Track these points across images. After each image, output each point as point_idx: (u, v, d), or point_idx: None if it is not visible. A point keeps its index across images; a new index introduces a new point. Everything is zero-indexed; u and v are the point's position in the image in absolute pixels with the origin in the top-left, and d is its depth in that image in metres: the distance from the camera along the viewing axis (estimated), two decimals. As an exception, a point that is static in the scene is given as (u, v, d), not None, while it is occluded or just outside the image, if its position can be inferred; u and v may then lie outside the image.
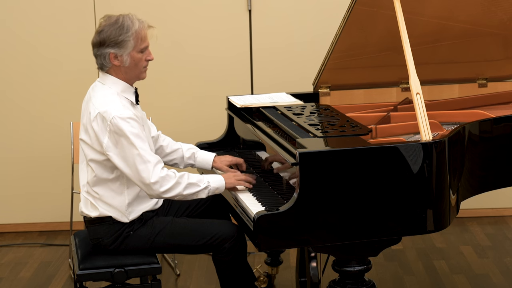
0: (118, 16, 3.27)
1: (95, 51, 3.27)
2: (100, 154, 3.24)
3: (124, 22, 3.24)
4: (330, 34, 3.90)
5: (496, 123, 3.41)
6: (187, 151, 3.64)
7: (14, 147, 5.10)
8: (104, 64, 3.27)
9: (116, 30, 3.22)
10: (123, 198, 3.30)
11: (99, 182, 3.29)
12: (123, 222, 3.31)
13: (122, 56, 3.24)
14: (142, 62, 3.28)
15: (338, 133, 3.25)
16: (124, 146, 3.17)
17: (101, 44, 3.24)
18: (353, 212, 2.97)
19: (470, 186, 3.32)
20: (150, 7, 4.94)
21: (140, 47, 3.25)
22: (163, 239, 3.34)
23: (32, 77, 5.03)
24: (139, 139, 3.18)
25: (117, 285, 3.34)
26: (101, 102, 3.23)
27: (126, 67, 3.26)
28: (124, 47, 3.22)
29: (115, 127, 3.16)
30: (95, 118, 3.21)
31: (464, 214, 5.12)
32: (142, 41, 3.26)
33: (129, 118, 3.18)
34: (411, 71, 3.22)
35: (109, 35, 3.22)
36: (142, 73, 3.32)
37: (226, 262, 3.36)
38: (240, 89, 4.98)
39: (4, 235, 5.18)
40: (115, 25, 3.23)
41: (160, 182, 3.18)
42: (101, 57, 3.26)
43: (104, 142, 3.19)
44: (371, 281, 3.18)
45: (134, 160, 3.17)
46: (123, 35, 3.21)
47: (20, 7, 4.95)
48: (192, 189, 3.25)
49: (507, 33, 3.89)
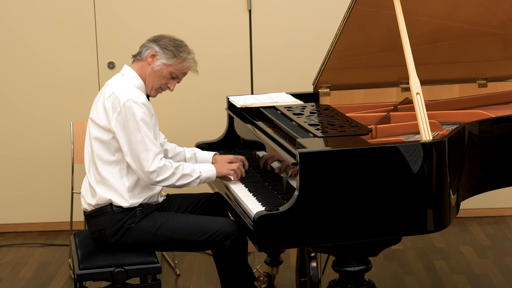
0: (185, 43, 3.47)
1: (145, 43, 3.44)
2: (106, 132, 3.33)
3: (185, 48, 3.43)
4: (330, 34, 3.90)
5: (496, 123, 3.41)
6: (188, 152, 3.71)
7: (14, 147, 5.10)
8: (141, 53, 3.43)
9: (175, 44, 3.42)
10: (123, 182, 3.37)
11: (101, 163, 3.36)
12: (124, 207, 3.33)
13: (158, 60, 3.39)
14: (164, 81, 3.44)
15: (338, 133, 3.25)
16: (130, 129, 3.28)
17: (155, 40, 3.43)
18: (353, 212, 2.97)
19: (470, 186, 3.32)
20: (150, 7, 4.94)
21: (174, 70, 3.42)
22: (164, 233, 3.36)
23: (32, 77, 5.03)
24: (147, 125, 3.29)
25: (117, 285, 3.34)
26: (118, 86, 3.37)
27: (153, 70, 3.40)
28: (167, 56, 3.39)
29: (127, 109, 3.28)
30: (109, 97, 3.33)
31: (464, 214, 5.12)
32: (179, 71, 3.44)
33: (142, 103, 3.30)
34: (411, 71, 3.22)
35: (167, 41, 3.41)
36: (155, 90, 3.46)
37: (227, 260, 3.37)
38: (240, 89, 4.98)
39: (4, 235, 5.18)
40: (178, 42, 3.44)
41: (158, 171, 3.29)
42: (145, 47, 3.43)
43: (113, 120, 3.29)
44: (371, 281, 3.18)
45: (137, 146, 3.28)
46: (175, 50, 3.40)
47: (20, 8, 4.95)
48: (186, 179, 3.37)
49: (507, 33, 3.89)
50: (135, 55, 3.46)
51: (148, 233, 3.35)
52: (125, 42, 4.93)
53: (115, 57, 4.95)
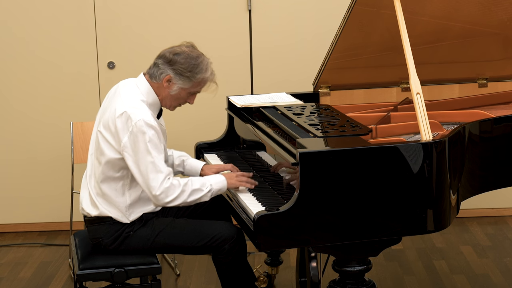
0: (200, 54, 3.32)
1: (159, 61, 3.30)
2: (116, 152, 3.26)
3: (201, 64, 3.29)
4: (330, 34, 3.90)
5: (496, 123, 3.41)
6: (177, 158, 3.64)
7: (14, 148, 5.10)
8: (155, 75, 3.31)
9: (191, 65, 3.27)
10: (125, 199, 3.32)
11: (104, 179, 3.31)
12: (124, 222, 3.32)
13: (175, 85, 3.29)
14: (182, 100, 3.37)
15: (338, 133, 3.25)
16: (140, 151, 3.19)
17: (170, 62, 3.28)
18: (353, 212, 2.97)
19: (470, 186, 3.32)
20: (150, 7, 4.94)
21: (193, 90, 3.33)
22: (163, 240, 3.35)
23: (32, 77, 5.02)
24: (156, 149, 3.21)
25: (117, 285, 3.34)
26: (131, 102, 3.25)
27: (170, 94, 3.31)
28: (183, 81, 3.29)
29: (138, 130, 3.18)
30: (120, 115, 3.22)
31: (464, 214, 5.12)
32: (199, 87, 3.34)
33: (153, 126, 3.21)
34: (411, 71, 3.22)
35: (183, 64, 3.27)
36: (174, 107, 3.39)
37: (226, 263, 3.37)
38: (240, 89, 4.98)
39: (4, 235, 5.18)
40: (193, 60, 3.28)
41: (165, 192, 3.21)
42: (159, 70, 3.30)
43: (123, 141, 3.21)
44: (371, 281, 3.18)
45: (147, 167, 3.19)
46: (192, 73, 3.27)
47: (20, 8, 4.94)
48: (196, 195, 3.28)
49: (507, 33, 3.89)
50: (149, 74, 3.32)
51: (146, 240, 3.34)
52: (125, 42, 4.93)
53: (115, 57, 4.95)
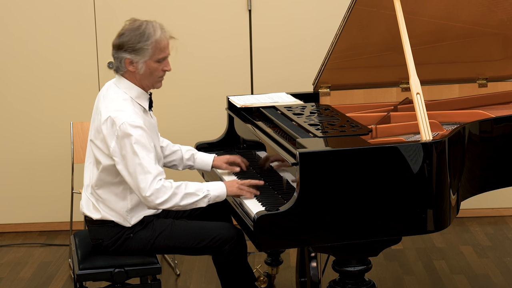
0: (142, 22, 3.24)
1: (113, 53, 3.26)
2: (108, 157, 3.24)
3: (146, 29, 3.20)
4: (330, 34, 3.90)
5: (496, 123, 3.41)
6: (186, 152, 3.64)
7: (14, 147, 5.10)
8: (119, 67, 3.26)
9: (136, 37, 3.20)
10: (126, 203, 3.30)
11: (103, 185, 3.29)
12: (125, 226, 3.32)
13: (137, 63, 3.22)
14: (158, 72, 3.26)
15: (338, 133, 3.25)
16: (127, 153, 3.16)
17: (119, 47, 3.22)
18: (353, 212, 2.97)
19: (470, 186, 3.32)
20: (150, 7, 4.94)
21: (157, 57, 3.23)
22: (163, 241, 3.34)
23: (32, 77, 5.02)
24: (144, 149, 3.16)
25: (117, 285, 3.34)
26: (114, 106, 3.21)
27: (141, 74, 3.25)
28: (141, 54, 3.20)
29: (122, 133, 3.15)
30: (105, 121, 3.19)
31: (464, 214, 5.12)
32: (161, 51, 3.23)
33: (138, 126, 3.16)
34: (411, 71, 3.22)
35: (128, 40, 3.20)
36: (157, 83, 3.30)
37: (227, 264, 3.36)
38: (240, 89, 4.98)
39: (4, 235, 5.18)
40: (136, 31, 3.20)
41: (155, 194, 3.16)
42: (118, 60, 3.24)
43: (111, 146, 3.18)
44: (371, 281, 3.18)
45: (135, 169, 3.15)
46: (142, 43, 3.19)
47: (20, 8, 4.95)
48: (190, 199, 3.22)
49: (507, 33, 3.89)
50: (116, 70, 3.28)
51: (147, 242, 3.34)
52: (125, 42, 4.93)
53: (115, 57, 4.95)
